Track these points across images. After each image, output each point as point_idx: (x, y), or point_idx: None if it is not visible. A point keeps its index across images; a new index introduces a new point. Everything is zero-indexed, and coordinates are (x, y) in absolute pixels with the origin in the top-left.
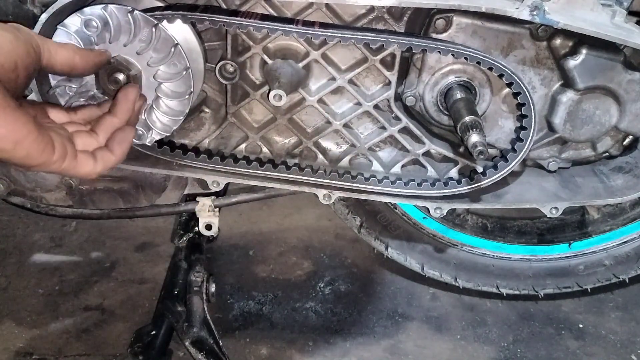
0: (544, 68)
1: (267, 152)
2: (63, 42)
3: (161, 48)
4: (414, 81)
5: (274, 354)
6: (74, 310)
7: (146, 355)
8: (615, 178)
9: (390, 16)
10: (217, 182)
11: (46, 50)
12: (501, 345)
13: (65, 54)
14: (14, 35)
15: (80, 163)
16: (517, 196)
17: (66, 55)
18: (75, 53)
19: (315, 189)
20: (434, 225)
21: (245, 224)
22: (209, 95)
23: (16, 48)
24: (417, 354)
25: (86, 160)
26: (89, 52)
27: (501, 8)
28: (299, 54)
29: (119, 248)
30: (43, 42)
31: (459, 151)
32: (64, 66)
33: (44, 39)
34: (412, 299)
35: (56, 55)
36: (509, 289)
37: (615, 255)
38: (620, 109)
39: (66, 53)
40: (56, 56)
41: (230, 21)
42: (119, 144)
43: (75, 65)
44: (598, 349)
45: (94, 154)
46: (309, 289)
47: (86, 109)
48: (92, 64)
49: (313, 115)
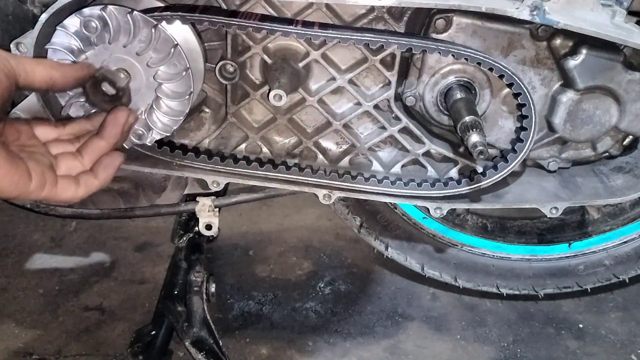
0: (544, 68)
1: (267, 152)
2: (50, 55)
3: (161, 48)
4: (414, 81)
5: (274, 354)
6: (74, 310)
7: (146, 355)
8: (615, 178)
9: (390, 16)
10: (217, 182)
11: (22, 71)
12: (501, 345)
13: (43, 71)
14: None
15: (61, 189)
16: (517, 196)
17: (44, 73)
18: (54, 69)
19: (315, 189)
20: (434, 225)
21: (245, 224)
22: (209, 95)
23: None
24: (417, 354)
25: (67, 185)
26: (68, 67)
27: (501, 8)
28: (299, 54)
29: (119, 248)
30: (18, 63)
31: (459, 151)
32: (42, 84)
33: (19, 59)
34: (412, 299)
35: (33, 74)
36: (509, 289)
37: (615, 255)
38: (620, 109)
39: (44, 70)
40: (33, 75)
41: (230, 22)
42: (105, 168)
43: (54, 81)
44: (598, 349)
45: (77, 178)
46: (309, 289)
47: (76, 123)
48: (72, 79)
49: (313, 115)
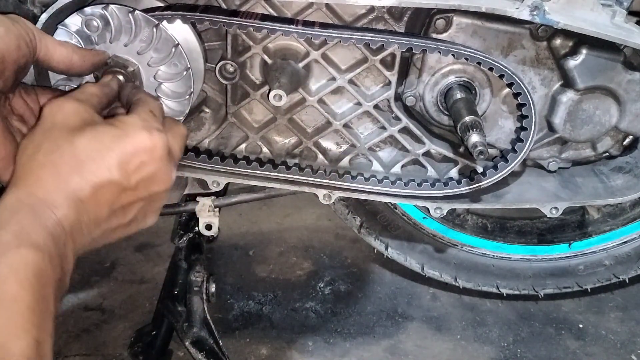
0: (544, 68)
1: (267, 152)
2: (64, 40)
3: (162, 48)
4: (414, 81)
5: (274, 354)
6: (74, 310)
7: (146, 355)
8: (615, 178)
9: (391, 16)
10: (217, 182)
11: (44, 46)
12: (501, 345)
13: (64, 51)
14: (6, 27)
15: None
16: (517, 196)
17: (64, 54)
18: (74, 52)
19: (315, 189)
20: (434, 225)
21: (245, 224)
22: (209, 95)
23: (5, 40)
24: (417, 354)
25: None
26: (87, 51)
27: (501, 8)
28: (299, 54)
29: (119, 248)
30: (41, 37)
31: (459, 151)
32: (60, 64)
33: (43, 35)
34: (412, 299)
35: (54, 53)
36: (509, 289)
37: (615, 255)
38: (620, 109)
39: (64, 51)
40: (54, 53)
41: (230, 21)
42: None
43: (73, 64)
44: (598, 349)
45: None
46: (309, 289)
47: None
48: (89, 63)
49: (313, 115)
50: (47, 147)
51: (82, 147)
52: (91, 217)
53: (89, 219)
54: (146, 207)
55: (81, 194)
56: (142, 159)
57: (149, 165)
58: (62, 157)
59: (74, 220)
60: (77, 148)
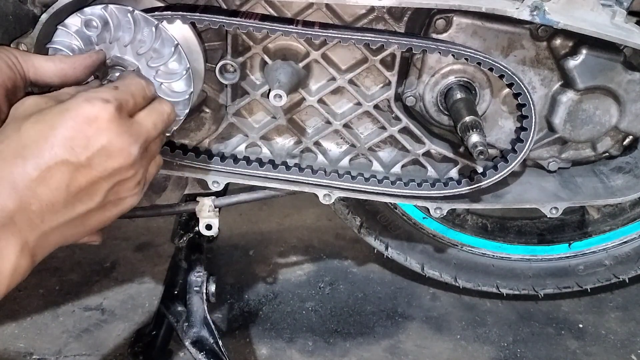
0: (544, 68)
1: (267, 152)
2: (51, 54)
3: (162, 48)
4: (414, 81)
5: (274, 354)
6: (74, 310)
7: (146, 355)
8: (615, 178)
9: (391, 16)
10: (217, 182)
11: (30, 66)
12: (501, 345)
13: (52, 66)
14: None
15: None
16: (517, 196)
17: (52, 68)
18: (62, 62)
19: (315, 189)
20: (434, 225)
21: (245, 224)
22: (209, 95)
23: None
24: (417, 354)
25: None
26: (75, 57)
27: (501, 8)
28: (299, 54)
29: (119, 248)
30: (26, 59)
31: (459, 151)
32: (54, 78)
33: (27, 55)
34: (412, 299)
35: (43, 70)
36: (509, 289)
37: (615, 255)
38: (620, 109)
39: (52, 65)
40: (43, 70)
41: (230, 22)
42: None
43: (66, 74)
44: (598, 349)
45: None
46: (309, 289)
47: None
48: (82, 68)
49: (313, 115)
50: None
51: (26, 131)
52: (43, 204)
53: (41, 205)
54: (117, 188)
55: (26, 179)
56: (86, 132)
57: (96, 138)
58: (9, 145)
59: (16, 209)
60: (22, 134)
